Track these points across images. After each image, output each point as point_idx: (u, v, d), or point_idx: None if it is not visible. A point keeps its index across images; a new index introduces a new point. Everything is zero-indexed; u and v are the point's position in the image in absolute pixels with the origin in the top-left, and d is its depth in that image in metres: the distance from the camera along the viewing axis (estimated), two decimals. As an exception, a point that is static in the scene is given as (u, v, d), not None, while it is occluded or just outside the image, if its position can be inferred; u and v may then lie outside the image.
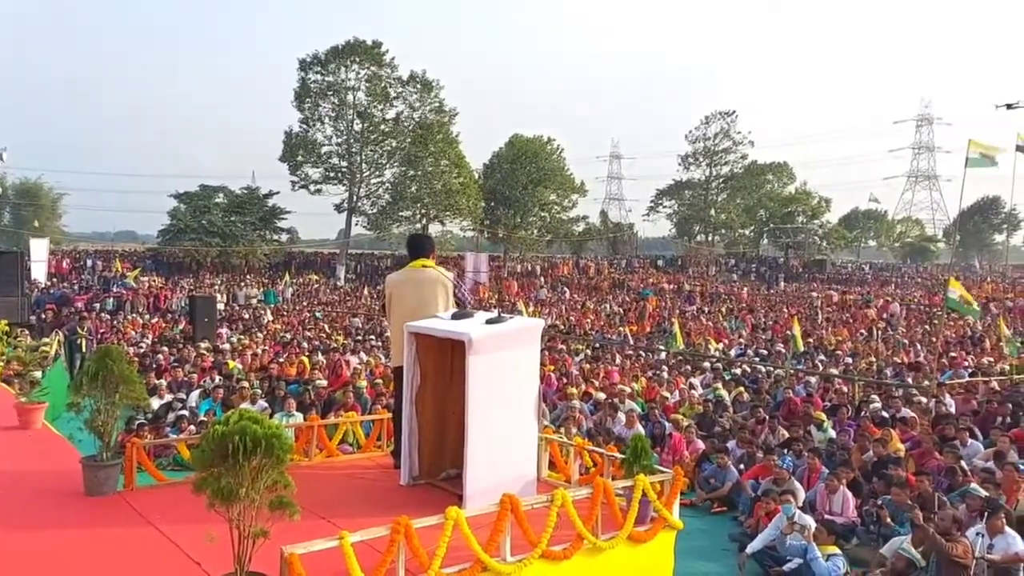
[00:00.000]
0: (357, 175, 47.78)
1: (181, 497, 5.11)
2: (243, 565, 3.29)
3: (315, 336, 21.62)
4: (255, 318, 25.79)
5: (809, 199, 60.15)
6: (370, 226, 50.20)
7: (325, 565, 3.52)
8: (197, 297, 22.84)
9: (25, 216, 51.70)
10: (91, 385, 4.98)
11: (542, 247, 58.55)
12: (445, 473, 5.48)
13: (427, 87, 48.11)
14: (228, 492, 3.19)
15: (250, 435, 3.21)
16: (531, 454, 5.16)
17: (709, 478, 9.58)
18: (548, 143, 55.83)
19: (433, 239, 6.32)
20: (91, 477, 5.07)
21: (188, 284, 34.50)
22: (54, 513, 4.79)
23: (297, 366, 16.24)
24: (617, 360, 17.90)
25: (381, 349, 19.25)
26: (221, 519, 3.33)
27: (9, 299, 16.85)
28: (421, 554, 3.66)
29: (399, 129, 47.93)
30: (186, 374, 14.98)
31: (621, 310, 31.17)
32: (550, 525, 4.07)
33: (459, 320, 5.20)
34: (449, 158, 48.77)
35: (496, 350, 4.85)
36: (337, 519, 4.57)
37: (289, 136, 47.09)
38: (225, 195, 45.45)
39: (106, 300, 27.18)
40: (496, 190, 53.59)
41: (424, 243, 5.94)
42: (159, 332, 21.64)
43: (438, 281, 5.67)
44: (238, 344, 19.07)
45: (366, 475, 5.84)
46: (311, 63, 46.48)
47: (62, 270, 35.82)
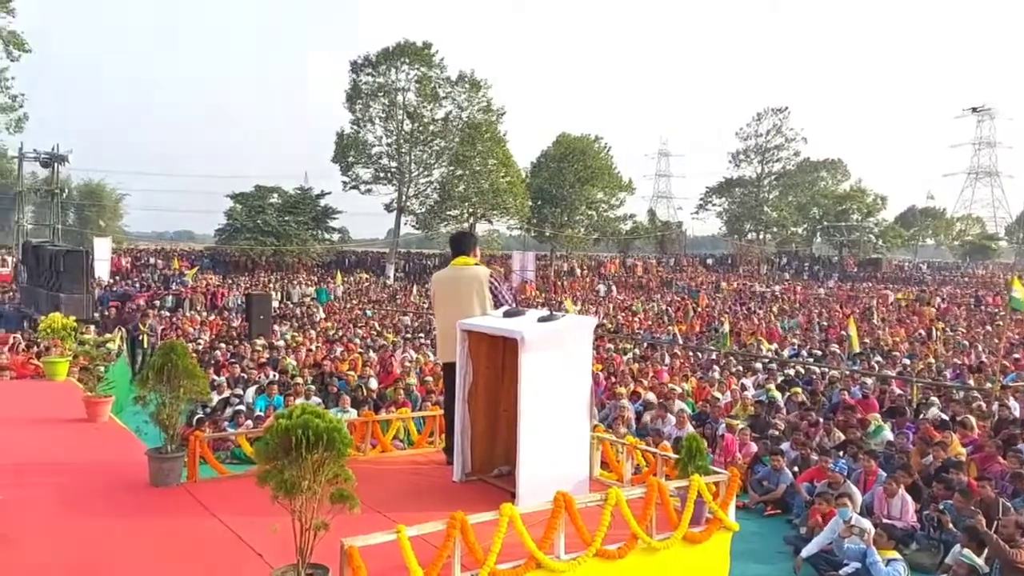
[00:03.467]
0: (406, 175, 48.25)
1: (241, 489, 5.27)
2: (305, 557, 3.36)
3: (366, 334, 21.92)
4: (308, 316, 26.24)
5: (864, 196, 58.75)
6: (418, 225, 50.65)
7: (382, 558, 3.58)
8: (253, 295, 23.35)
9: (89, 216, 53.48)
10: (157, 379, 5.15)
11: (589, 245, 58.32)
12: (497, 470, 5.52)
13: (475, 87, 48.35)
14: (291, 485, 3.26)
15: (312, 429, 3.28)
16: (583, 452, 5.17)
17: (762, 480, 9.45)
18: (596, 141, 55.58)
19: (475, 236, 6.36)
20: (156, 469, 5.24)
21: (244, 282, 35.29)
22: (123, 503, 4.97)
23: (349, 363, 16.48)
24: (666, 360, 17.76)
25: (430, 347, 19.44)
26: (281, 511, 3.41)
27: (75, 296, 17.48)
28: (476, 550, 3.70)
29: (447, 129, 48.25)
30: (243, 370, 15.32)
31: (669, 309, 30.89)
32: (604, 524, 4.08)
33: (511, 318, 5.24)
34: (497, 157, 48.91)
35: (548, 348, 4.87)
36: (392, 513, 4.64)
37: (341, 137, 47.78)
38: (279, 195, 46.31)
39: (166, 298, 27.94)
40: (543, 189, 53.55)
41: (465, 241, 5.99)
42: (216, 329, 22.17)
43: (475, 279, 5.71)
44: (292, 341, 19.44)
45: (419, 471, 5.92)
46: (362, 65, 47.09)
47: (124, 269, 36.96)
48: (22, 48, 36.12)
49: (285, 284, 35.61)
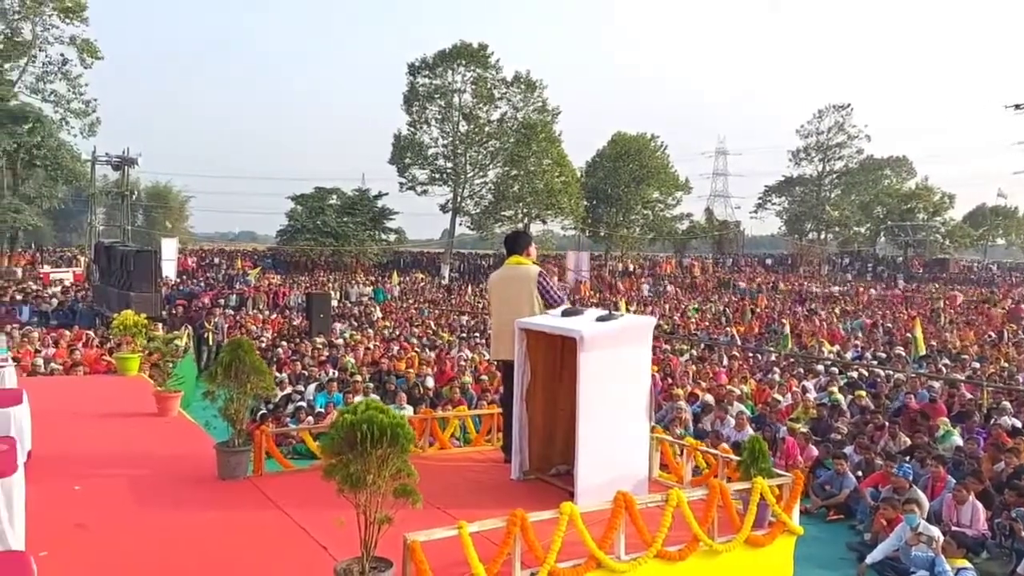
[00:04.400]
0: (461, 176, 48.60)
1: (305, 483, 5.39)
2: (369, 550, 3.42)
3: (422, 333, 22.16)
4: (366, 315, 26.64)
5: (930, 195, 56.89)
6: (473, 226, 50.96)
7: (443, 553, 3.62)
8: (314, 294, 23.83)
9: (156, 218, 55.30)
10: (225, 375, 5.30)
11: (644, 245, 57.84)
12: (555, 469, 5.53)
13: (531, 87, 48.44)
14: (356, 479, 3.33)
15: (377, 424, 3.34)
16: (642, 453, 5.14)
17: (825, 484, 9.24)
18: (651, 140, 55.11)
19: (528, 235, 6.37)
20: (224, 462, 5.40)
21: (304, 282, 36.03)
22: (193, 494, 5.13)
23: (406, 361, 16.69)
24: (724, 361, 17.51)
25: (485, 346, 19.55)
26: (344, 505, 3.47)
27: (145, 295, 18.11)
28: (536, 547, 3.71)
29: (503, 129, 48.45)
30: (304, 367, 15.64)
31: (727, 310, 30.44)
32: (665, 525, 4.05)
33: (570, 317, 5.24)
34: (551, 157, 48.90)
35: (608, 347, 4.86)
36: (451, 509, 4.69)
37: (398, 139, 48.39)
38: (338, 197, 47.12)
39: (229, 297, 28.68)
40: (598, 188, 53.33)
41: (518, 240, 6.01)
42: (278, 327, 22.68)
43: (527, 278, 5.73)
44: (350, 339, 19.77)
45: (477, 468, 5.96)
46: (419, 67, 47.61)
47: (190, 268, 38.10)
48: (94, 55, 37.57)
49: (343, 284, 36.22)
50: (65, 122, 37.62)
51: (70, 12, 36.45)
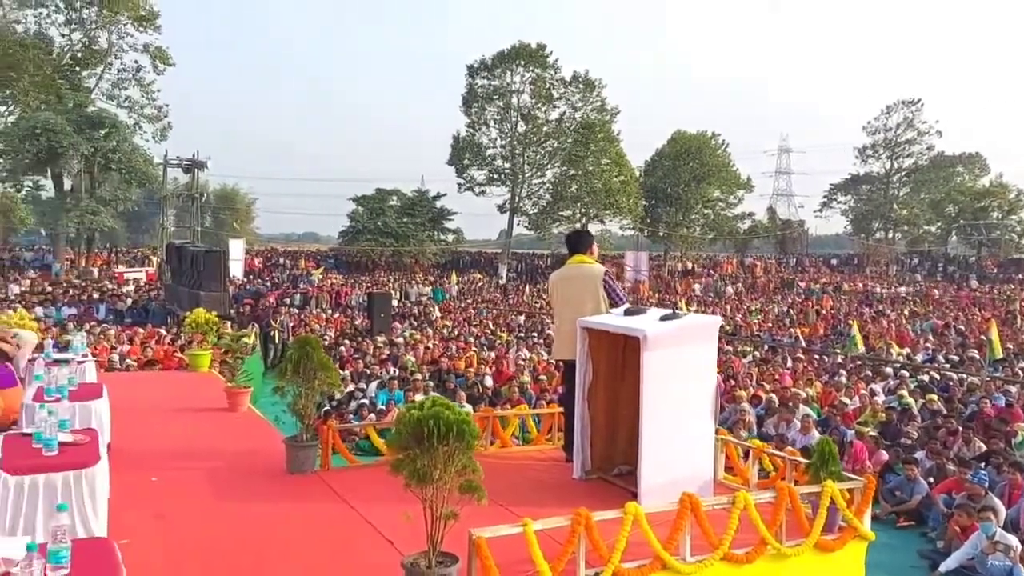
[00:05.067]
0: (519, 176, 48.67)
1: (369, 478, 5.50)
2: (435, 545, 3.47)
3: (480, 332, 22.29)
4: (425, 314, 26.94)
5: (1005, 193, 54.55)
6: (531, 226, 50.96)
7: (507, 550, 3.64)
8: (375, 294, 24.21)
9: (223, 219, 56.85)
10: (294, 371, 5.44)
11: (704, 245, 57.00)
12: (617, 469, 5.51)
13: (589, 87, 48.21)
14: (423, 474, 3.38)
15: (443, 420, 3.39)
16: (707, 454, 5.09)
17: (895, 490, 8.98)
18: (712, 138, 54.29)
19: (590, 234, 6.35)
20: (293, 456, 5.54)
21: (364, 282, 36.62)
22: (263, 487, 5.29)
23: (465, 360, 16.81)
24: (788, 363, 17.15)
25: (543, 346, 19.57)
26: (408, 501, 3.52)
27: (214, 294, 18.67)
28: (601, 547, 3.71)
29: (561, 129, 48.34)
30: (366, 365, 15.91)
31: (791, 311, 29.79)
32: (732, 527, 4.00)
33: (633, 316, 5.22)
34: (610, 156, 48.58)
35: (672, 346, 4.82)
36: (513, 507, 4.71)
37: (456, 140, 48.74)
38: (398, 198, 47.71)
39: (294, 296, 29.34)
40: (657, 188, 52.75)
41: (581, 239, 6.00)
42: (340, 326, 23.11)
43: (591, 276, 5.71)
44: (410, 339, 20.02)
45: (539, 467, 5.98)
46: (478, 69, 47.87)
47: (256, 268, 39.10)
48: (166, 62, 38.87)
49: (403, 283, 36.69)
50: (139, 127, 39.00)
51: (144, 21, 37.79)
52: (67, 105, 35.62)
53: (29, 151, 33.38)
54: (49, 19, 37.08)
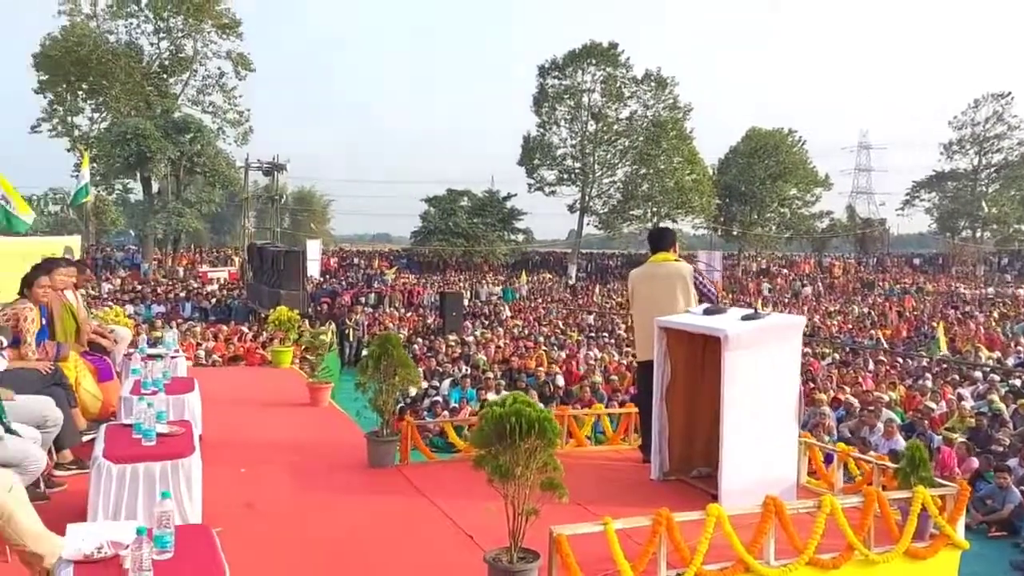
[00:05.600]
0: (589, 175, 48.47)
1: (448, 474, 5.58)
2: (517, 540, 3.50)
3: (550, 332, 22.31)
4: (495, 314, 27.12)
5: (1106, 189, 51.50)
6: (601, 225, 50.69)
7: (586, 548, 3.65)
8: (447, 293, 24.51)
9: (300, 220, 58.43)
10: (375, 368, 5.57)
11: (780, 245, 55.61)
12: (696, 471, 5.44)
13: (661, 85, 47.66)
14: (505, 470, 3.41)
15: (525, 417, 3.42)
16: (790, 457, 4.98)
17: (985, 498, 8.62)
18: (788, 135, 52.94)
19: (674, 232, 6.27)
20: (374, 450, 5.67)
21: (435, 281, 37.09)
22: (345, 480, 5.43)
23: (536, 360, 16.87)
24: (870, 365, 16.61)
25: (613, 346, 19.47)
26: (487, 496, 3.57)
27: (293, 293, 19.22)
28: (683, 548, 3.68)
29: (632, 128, 47.94)
30: (438, 363, 16.12)
31: (872, 312, 28.81)
32: (817, 531, 3.90)
33: (713, 315, 5.14)
34: (682, 155, 47.92)
35: (753, 347, 4.74)
36: (590, 506, 4.71)
37: (527, 140, 48.85)
38: (469, 198, 48.14)
39: (368, 295, 29.95)
40: (731, 186, 51.75)
41: (665, 236, 5.93)
42: (413, 325, 23.47)
43: (677, 275, 5.63)
44: (481, 337, 20.20)
45: (615, 467, 5.95)
46: (549, 68, 47.88)
47: (332, 268, 40.06)
48: (248, 68, 40.21)
49: (473, 283, 37.00)
50: (222, 131, 40.47)
51: (227, 28, 39.20)
52: (155, 111, 37.23)
53: (120, 156, 35.03)
54: (139, 29, 38.85)
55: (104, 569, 2.57)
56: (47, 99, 38.78)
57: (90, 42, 36.71)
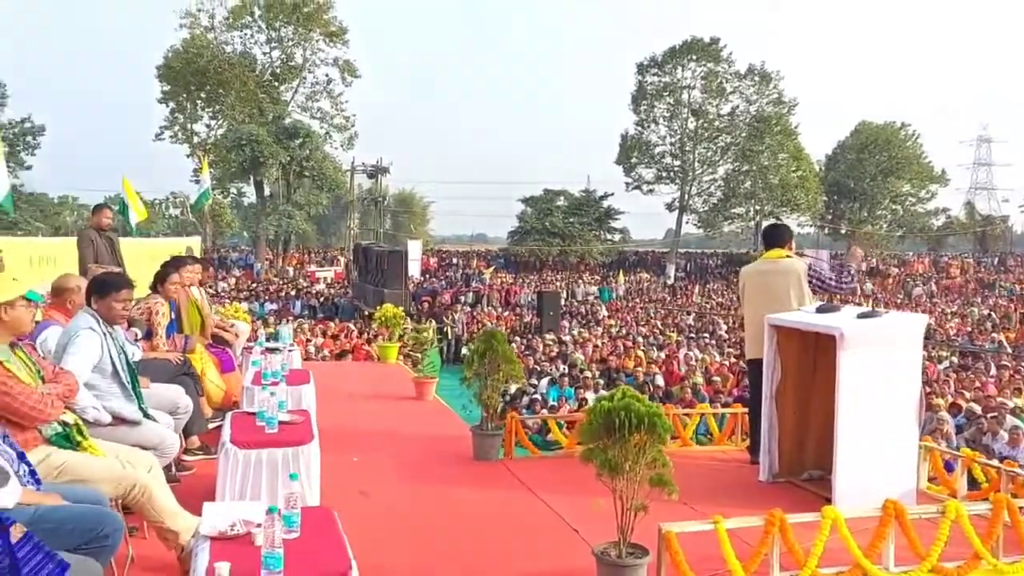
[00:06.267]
0: (689, 173, 47.63)
1: (552, 469, 5.63)
2: (626, 535, 3.50)
3: (648, 332, 22.07)
4: (592, 313, 27.04)
5: None
6: (701, 224, 49.73)
7: (695, 547, 3.61)
8: (545, 293, 24.64)
9: (401, 222, 59.94)
10: (480, 363, 5.69)
11: (892, 243, 53.05)
12: (808, 474, 5.29)
13: (765, 79, 46.32)
14: (614, 464, 3.42)
15: (634, 412, 3.42)
16: (909, 462, 4.78)
17: None
18: (901, 128, 50.43)
19: (789, 228, 6.10)
20: (479, 444, 5.78)
21: (532, 281, 37.31)
22: (452, 472, 5.56)
23: (634, 359, 16.72)
24: (992, 370, 15.64)
25: (714, 346, 19.07)
26: (590, 492, 3.58)
27: (396, 291, 19.83)
28: (797, 550, 3.59)
29: (734, 124, 46.81)
30: (536, 362, 16.22)
31: (993, 314, 27.10)
32: (941, 538, 3.73)
33: (827, 313, 4.99)
34: (787, 151, 46.43)
35: (870, 346, 4.57)
36: (697, 505, 4.65)
37: (624, 139, 48.46)
38: (565, 198, 48.17)
39: (467, 294, 30.45)
40: (839, 182, 49.75)
41: (780, 233, 5.79)
42: (510, 324, 23.70)
43: (792, 271, 5.49)
44: (578, 337, 20.18)
45: (722, 468, 5.86)
46: (648, 66, 47.33)
47: (431, 268, 40.94)
48: (353, 74, 41.61)
49: (570, 283, 37.00)
50: (329, 136, 42.07)
51: (334, 36, 40.72)
52: (267, 117, 39.04)
53: (235, 161, 36.92)
54: (252, 39, 40.87)
55: (237, 545, 2.72)
56: (169, 108, 41.27)
57: (208, 53, 38.87)
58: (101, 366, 4.07)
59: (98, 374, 4.07)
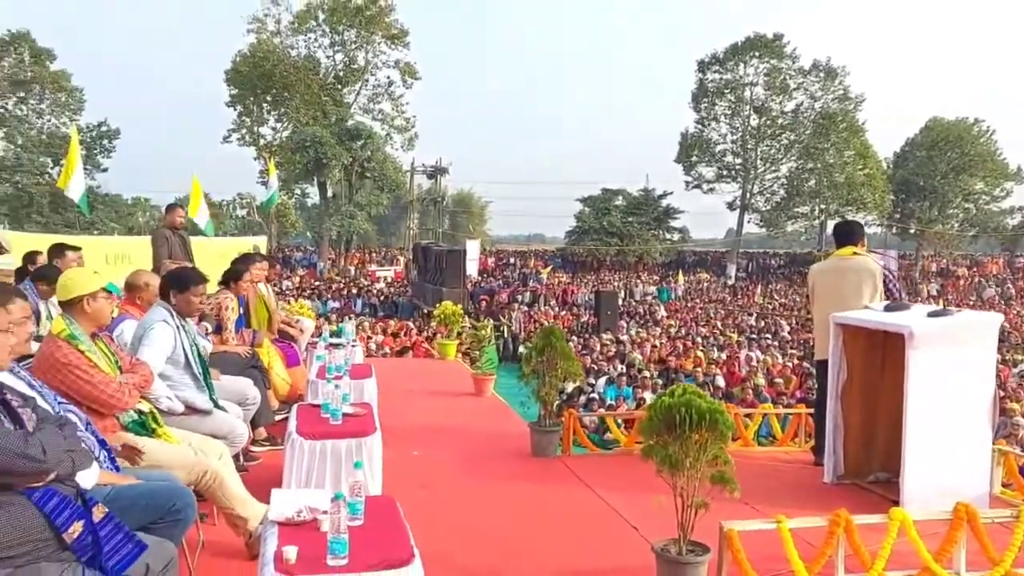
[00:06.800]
0: (751, 172, 46.78)
1: (609, 466, 5.62)
2: (686, 532, 3.48)
3: (708, 332, 21.77)
4: (650, 313, 26.80)
5: None
6: (763, 223, 48.78)
7: (756, 547, 3.56)
8: (602, 292, 24.53)
9: (460, 222, 60.43)
10: (538, 359, 5.71)
11: (964, 243, 51.10)
12: (874, 476, 5.17)
13: (831, 75, 45.19)
14: (674, 461, 3.40)
15: (695, 409, 3.39)
16: (982, 465, 4.62)
17: None
18: (975, 125, 48.52)
19: (861, 226, 5.95)
20: (537, 440, 5.80)
21: (590, 280, 37.17)
22: (510, 467, 5.60)
23: (693, 360, 16.53)
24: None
25: (776, 348, 18.71)
26: (650, 489, 3.56)
27: (454, 290, 20.01)
28: (863, 552, 3.51)
29: (798, 121, 45.79)
30: (593, 362, 16.16)
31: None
32: (1016, 543, 3.60)
33: (895, 312, 4.86)
34: (853, 148, 45.19)
35: (942, 345, 4.44)
36: (758, 505, 4.59)
37: (684, 137, 47.88)
38: (624, 197, 47.85)
39: (524, 294, 30.52)
40: (909, 180, 48.14)
41: (852, 230, 5.65)
42: (567, 323, 23.66)
43: (865, 270, 5.35)
44: (636, 336, 20.03)
45: (785, 468, 5.76)
46: (709, 63, 46.68)
47: (489, 267, 41.16)
48: (414, 76, 42.13)
49: (627, 282, 36.74)
50: (389, 137, 42.69)
51: (395, 38, 41.32)
52: (330, 120, 39.82)
53: (300, 162, 37.78)
54: (316, 43, 41.71)
55: (304, 531, 2.80)
56: (237, 111, 42.46)
57: (274, 57, 39.86)
58: (174, 357, 4.24)
59: (171, 365, 4.23)
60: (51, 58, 40.53)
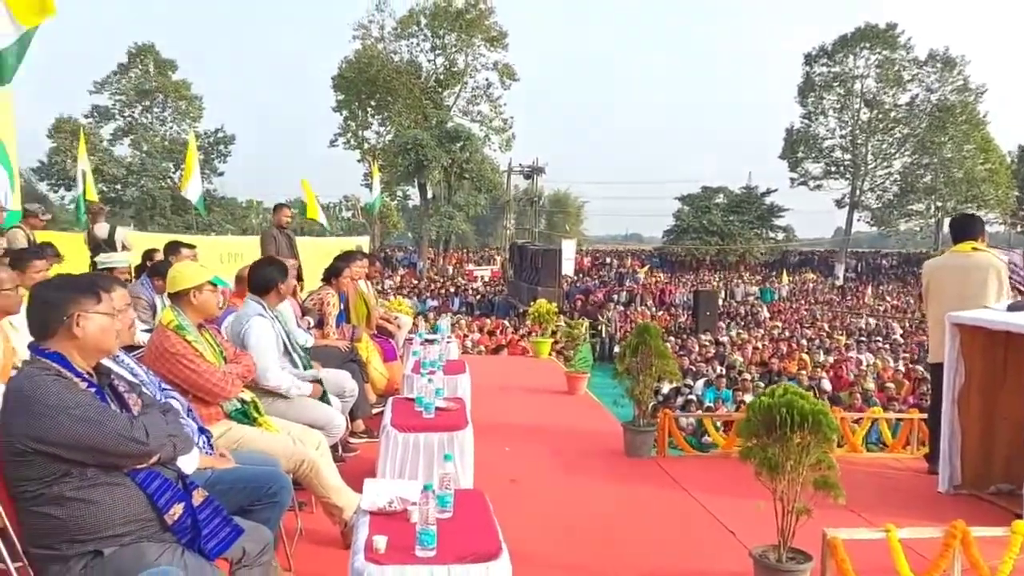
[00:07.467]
0: (861, 168, 44.74)
1: (706, 468, 5.47)
2: (786, 539, 3.33)
3: (814, 335, 20.93)
4: (752, 314, 26.02)
5: None
6: (874, 221, 46.58)
7: (862, 557, 3.36)
8: (701, 292, 24.00)
9: (556, 222, 60.44)
10: (632, 358, 5.61)
11: (1101, 241, 47.28)
12: (995, 487, 4.81)
13: (948, 65, 42.68)
14: (774, 464, 3.26)
15: (797, 409, 3.24)
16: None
17: None
18: (1117, 112, 44.86)
19: (982, 220, 5.55)
20: (631, 440, 5.70)
21: (688, 280, 36.44)
22: (603, 466, 5.53)
23: (797, 362, 15.92)
24: None
25: (888, 351, 17.82)
26: (748, 493, 3.43)
27: (549, 290, 20.02)
28: (982, 566, 3.26)
29: (912, 114, 43.47)
30: (691, 363, 15.81)
31: None
32: None
33: (1018, 312, 4.52)
34: (974, 142, 42.53)
35: (1074, 349, 4.09)
36: (865, 513, 4.37)
37: (790, 133, 46.31)
38: (725, 195, 46.71)
39: (620, 293, 30.21)
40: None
41: (972, 224, 5.28)
42: (664, 324, 23.26)
43: (990, 266, 4.98)
44: (737, 338, 19.47)
45: (896, 476, 5.45)
46: (817, 56, 44.98)
47: (585, 267, 40.98)
48: (512, 78, 42.45)
49: (728, 282, 35.81)
50: (487, 139, 43.17)
51: (494, 41, 41.77)
52: (431, 122, 40.60)
53: (402, 165, 38.72)
54: (418, 47, 42.66)
55: (394, 521, 2.83)
56: (342, 116, 43.89)
57: (378, 63, 41.00)
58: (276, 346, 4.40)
59: (275, 353, 4.39)
60: (173, 68, 43.10)
